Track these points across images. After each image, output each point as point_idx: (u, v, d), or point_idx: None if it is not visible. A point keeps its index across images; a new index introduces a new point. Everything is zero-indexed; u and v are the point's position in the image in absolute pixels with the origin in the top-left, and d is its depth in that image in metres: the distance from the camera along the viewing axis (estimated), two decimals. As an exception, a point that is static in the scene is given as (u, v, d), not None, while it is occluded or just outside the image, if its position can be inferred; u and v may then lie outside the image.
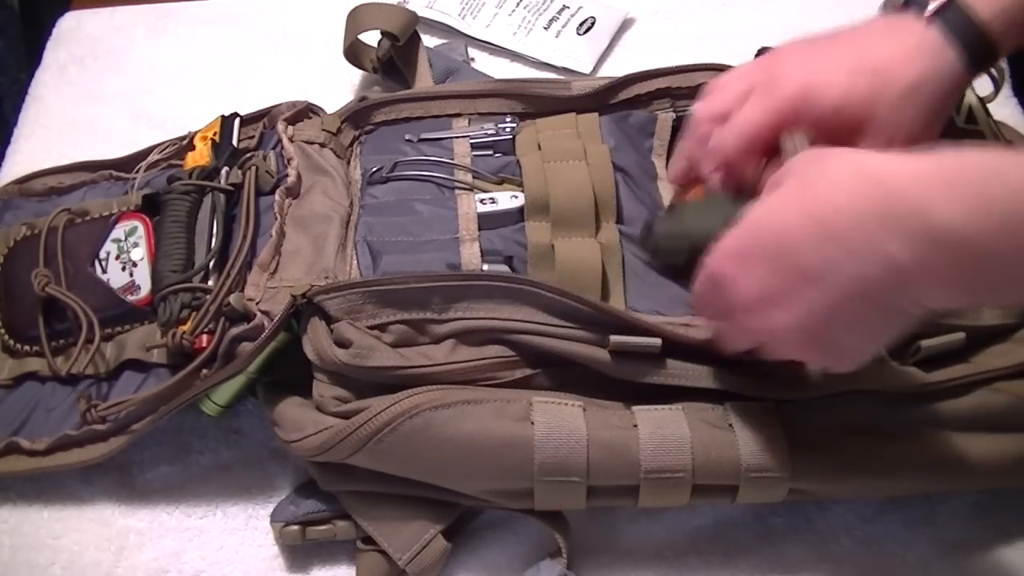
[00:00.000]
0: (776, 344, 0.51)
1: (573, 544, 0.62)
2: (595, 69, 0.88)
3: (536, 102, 0.73)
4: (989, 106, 0.68)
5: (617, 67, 0.87)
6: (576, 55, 0.88)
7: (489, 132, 0.72)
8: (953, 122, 0.64)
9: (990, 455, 0.58)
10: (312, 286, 0.60)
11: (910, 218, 0.42)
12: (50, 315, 0.68)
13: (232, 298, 0.62)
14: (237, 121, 0.75)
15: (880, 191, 0.44)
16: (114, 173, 0.78)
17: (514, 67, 0.89)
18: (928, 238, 0.42)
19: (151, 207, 0.70)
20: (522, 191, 0.66)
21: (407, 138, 0.72)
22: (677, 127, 0.72)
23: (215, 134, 0.73)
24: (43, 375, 0.68)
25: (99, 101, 0.90)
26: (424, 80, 0.83)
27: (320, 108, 0.76)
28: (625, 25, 0.91)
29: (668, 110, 0.73)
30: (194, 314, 0.63)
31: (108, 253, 0.69)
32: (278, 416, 0.61)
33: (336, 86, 0.88)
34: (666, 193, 0.69)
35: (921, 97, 0.56)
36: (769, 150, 0.59)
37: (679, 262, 0.61)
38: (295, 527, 0.62)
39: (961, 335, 0.59)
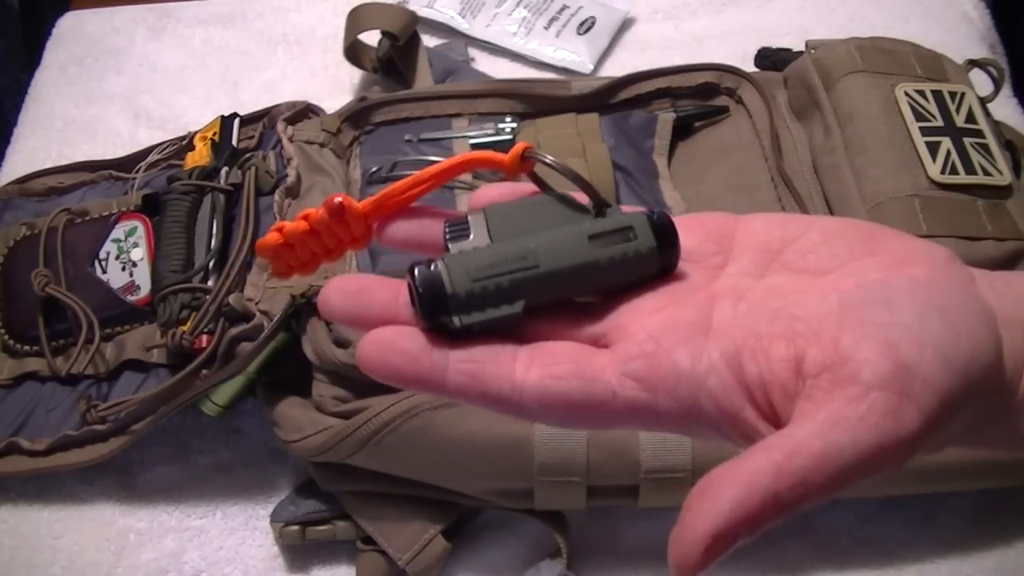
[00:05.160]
0: None
1: (573, 544, 0.62)
2: (595, 69, 0.88)
3: (536, 102, 0.73)
4: (989, 106, 0.67)
5: (617, 67, 0.87)
6: (576, 55, 0.88)
7: (489, 132, 0.72)
8: (953, 122, 0.64)
9: (989, 455, 0.58)
10: (311, 286, 0.60)
11: None
12: (50, 315, 0.68)
13: (232, 298, 0.62)
14: (237, 121, 0.75)
15: None
16: (114, 173, 0.78)
17: (514, 67, 0.89)
18: None
19: (151, 207, 0.70)
20: (522, 191, 0.66)
21: (407, 138, 0.72)
22: (677, 127, 0.72)
23: (215, 134, 0.73)
24: (43, 375, 0.68)
25: (99, 101, 0.90)
26: (424, 80, 0.83)
27: (320, 108, 0.76)
28: (625, 25, 0.91)
29: (668, 110, 0.73)
30: (194, 314, 0.63)
31: (108, 253, 0.69)
32: (278, 416, 0.61)
33: (336, 86, 0.88)
34: (669, 192, 0.69)
35: None
36: None
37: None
38: (295, 527, 0.62)
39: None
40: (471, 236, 0.31)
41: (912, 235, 0.32)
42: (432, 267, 0.29)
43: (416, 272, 0.29)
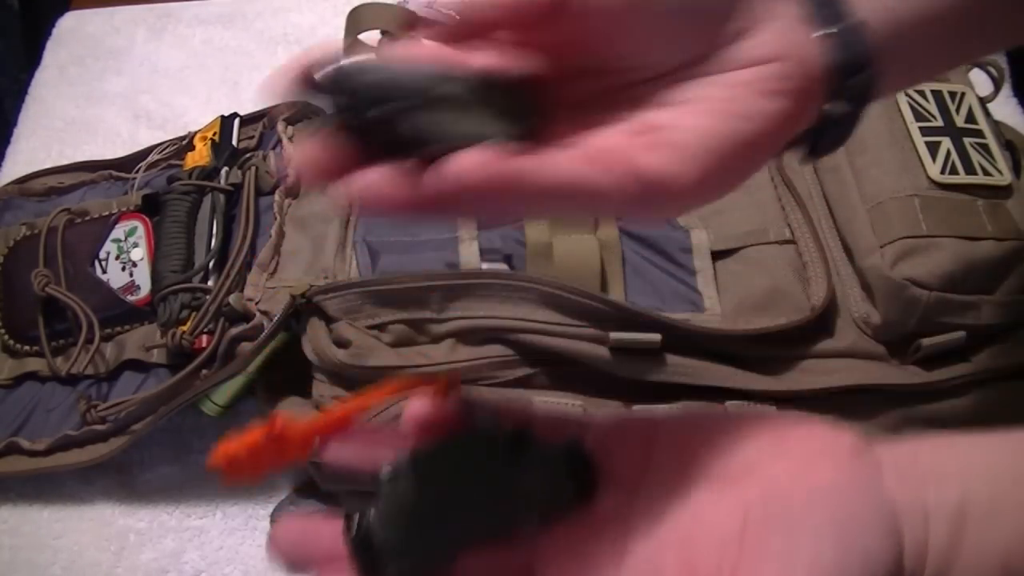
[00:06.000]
0: None
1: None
2: (595, 69, 0.88)
3: (536, 102, 0.73)
4: (989, 106, 0.67)
5: (617, 67, 0.87)
6: (576, 55, 0.88)
7: (489, 132, 0.72)
8: (953, 122, 0.64)
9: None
10: (311, 286, 0.60)
11: None
12: (50, 315, 0.68)
13: (231, 298, 0.62)
14: (237, 121, 0.75)
15: None
16: (114, 173, 0.78)
17: (514, 67, 0.89)
18: None
19: (151, 207, 0.70)
20: (522, 191, 0.66)
21: (407, 138, 0.72)
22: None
23: (215, 134, 0.73)
24: (43, 375, 0.68)
25: (99, 101, 0.90)
26: (424, 80, 0.83)
27: (320, 108, 0.76)
28: (625, 25, 0.91)
29: (668, 110, 0.73)
30: (194, 314, 0.63)
31: (108, 253, 0.69)
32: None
33: (336, 86, 0.88)
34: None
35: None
36: None
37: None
38: (295, 527, 0.62)
39: (961, 334, 0.59)
40: (401, 483, 0.33)
41: (821, 424, 0.33)
42: (363, 521, 0.32)
43: (349, 527, 0.32)
